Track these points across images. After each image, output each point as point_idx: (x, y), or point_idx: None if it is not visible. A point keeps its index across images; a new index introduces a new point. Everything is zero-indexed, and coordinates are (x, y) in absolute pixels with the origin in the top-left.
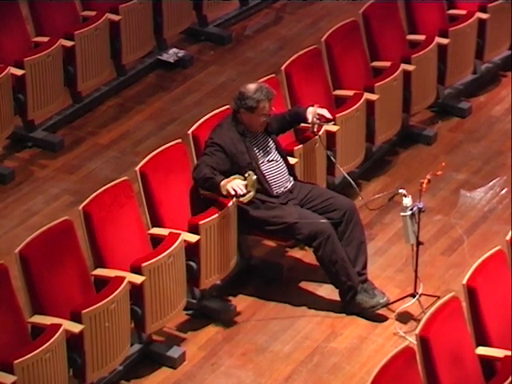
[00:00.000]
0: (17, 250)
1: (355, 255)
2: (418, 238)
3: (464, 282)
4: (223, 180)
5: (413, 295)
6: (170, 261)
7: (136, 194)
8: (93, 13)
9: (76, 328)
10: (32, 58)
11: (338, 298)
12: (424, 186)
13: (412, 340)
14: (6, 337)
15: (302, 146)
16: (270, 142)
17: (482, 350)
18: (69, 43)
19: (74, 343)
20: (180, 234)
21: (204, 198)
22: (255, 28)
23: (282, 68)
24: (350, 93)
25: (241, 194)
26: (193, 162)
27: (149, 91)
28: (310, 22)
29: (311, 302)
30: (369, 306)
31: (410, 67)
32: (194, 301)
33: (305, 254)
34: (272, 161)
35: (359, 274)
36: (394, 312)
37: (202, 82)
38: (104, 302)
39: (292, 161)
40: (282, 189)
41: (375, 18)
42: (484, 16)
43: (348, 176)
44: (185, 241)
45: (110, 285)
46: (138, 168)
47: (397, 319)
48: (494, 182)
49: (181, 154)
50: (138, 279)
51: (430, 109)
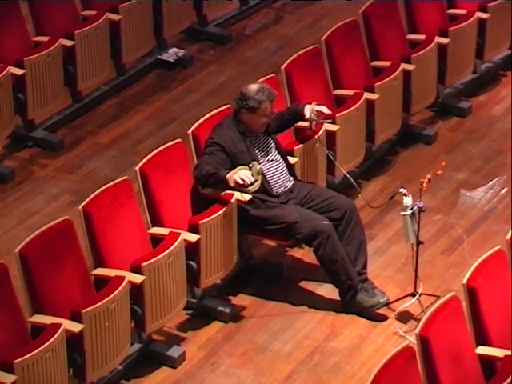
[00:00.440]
0: (17, 250)
1: (355, 255)
2: (418, 237)
3: (464, 281)
4: (228, 173)
5: (413, 295)
6: (170, 260)
7: (136, 193)
8: (93, 12)
9: (76, 327)
10: (32, 57)
11: (338, 298)
12: (424, 185)
13: (412, 339)
14: (5, 336)
15: (301, 145)
16: (270, 142)
17: (482, 350)
18: (69, 43)
19: (74, 343)
20: (180, 233)
21: (204, 197)
22: (255, 27)
23: (282, 67)
24: (350, 92)
25: (249, 184)
26: (193, 161)
27: (149, 91)
28: (310, 22)
29: (311, 301)
30: (369, 305)
31: (410, 67)
32: (194, 300)
33: (305, 254)
34: (272, 160)
35: (359, 274)
36: (394, 311)
37: (201, 81)
38: (104, 301)
39: (292, 160)
40: (282, 188)
41: (375, 18)
42: (484, 16)
43: (348, 175)
44: (185, 240)
45: (110, 284)
46: (137, 168)
47: (397, 319)
48: (493, 181)
49: (181, 153)
50: (138, 279)
51: (430, 108)
